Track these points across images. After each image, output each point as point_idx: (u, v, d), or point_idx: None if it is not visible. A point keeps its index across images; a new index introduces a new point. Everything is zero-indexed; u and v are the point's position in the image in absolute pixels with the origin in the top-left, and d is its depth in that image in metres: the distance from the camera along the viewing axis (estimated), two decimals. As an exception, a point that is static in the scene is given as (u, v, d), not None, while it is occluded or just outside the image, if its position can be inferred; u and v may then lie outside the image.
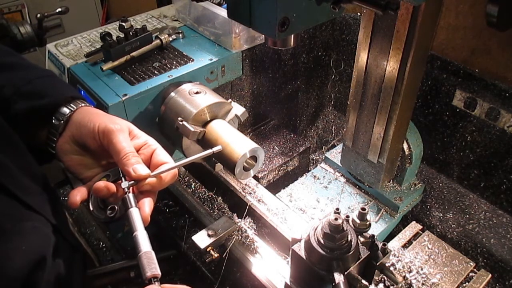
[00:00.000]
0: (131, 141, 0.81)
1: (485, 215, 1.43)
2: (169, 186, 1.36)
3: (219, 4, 1.42)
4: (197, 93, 1.19)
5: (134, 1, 2.98)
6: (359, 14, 1.55)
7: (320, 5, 0.82)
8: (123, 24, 1.28)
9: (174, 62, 1.32)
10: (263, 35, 1.27)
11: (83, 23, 2.29)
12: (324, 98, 1.91)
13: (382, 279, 0.98)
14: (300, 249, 0.89)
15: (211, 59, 1.34)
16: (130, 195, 0.75)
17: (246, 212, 1.22)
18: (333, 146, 1.81)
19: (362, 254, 0.88)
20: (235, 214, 1.20)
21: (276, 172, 1.59)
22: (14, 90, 0.81)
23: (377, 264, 0.88)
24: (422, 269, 1.03)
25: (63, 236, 0.80)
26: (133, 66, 1.31)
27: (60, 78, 0.98)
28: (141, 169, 0.76)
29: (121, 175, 0.78)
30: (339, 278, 0.81)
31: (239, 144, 1.09)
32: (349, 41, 1.64)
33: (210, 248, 1.11)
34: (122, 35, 1.29)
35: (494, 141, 1.32)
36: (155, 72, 1.28)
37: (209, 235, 1.12)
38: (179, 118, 1.12)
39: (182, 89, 1.21)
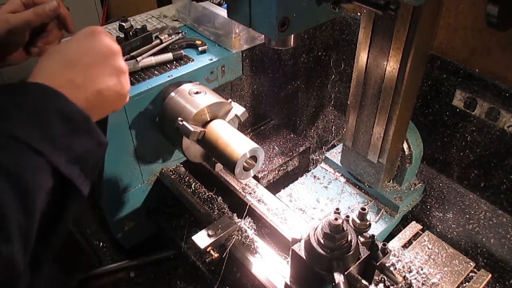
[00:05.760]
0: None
1: (485, 215, 1.43)
2: (169, 186, 1.37)
3: (219, 4, 1.42)
4: (197, 93, 1.19)
5: (134, 1, 2.99)
6: (359, 14, 1.55)
7: (320, 5, 0.82)
8: (123, 24, 1.28)
9: (174, 62, 1.32)
10: (263, 35, 1.27)
11: (83, 23, 2.29)
12: (324, 98, 1.91)
13: (382, 279, 0.98)
14: (300, 249, 0.89)
15: (211, 59, 1.34)
16: None
17: (246, 212, 1.22)
18: (333, 146, 1.81)
19: (362, 254, 0.88)
20: (235, 214, 1.20)
21: (276, 172, 1.59)
22: None
23: (377, 264, 0.88)
24: (422, 269, 1.03)
25: None
26: (133, 66, 1.31)
27: None
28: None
29: None
30: (339, 278, 0.81)
31: (239, 144, 1.09)
32: (349, 41, 1.64)
33: (210, 248, 1.11)
34: (122, 35, 1.29)
35: (494, 141, 1.32)
36: (155, 72, 1.28)
37: (209, 235, 1.11)
38: (179, 118, 1.12)
39: (182, 89, 1.21)
